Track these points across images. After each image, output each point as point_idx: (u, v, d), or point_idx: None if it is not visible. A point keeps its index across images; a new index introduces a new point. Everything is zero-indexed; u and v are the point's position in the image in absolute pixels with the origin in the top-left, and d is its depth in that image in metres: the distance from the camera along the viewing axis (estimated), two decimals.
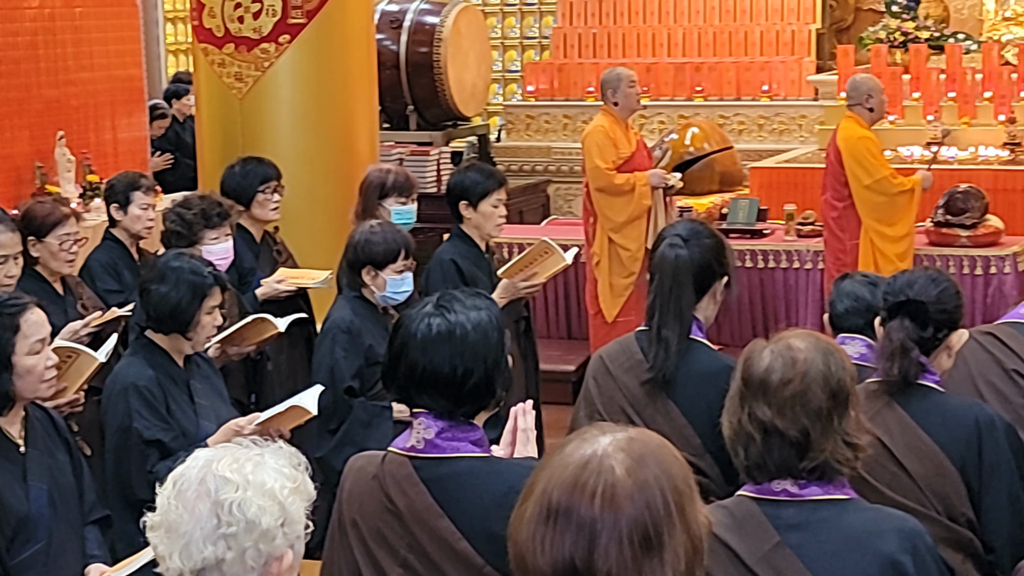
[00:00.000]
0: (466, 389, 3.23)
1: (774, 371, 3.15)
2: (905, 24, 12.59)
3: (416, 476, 3.24)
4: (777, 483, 3.15)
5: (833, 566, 3.09)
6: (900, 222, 8.46)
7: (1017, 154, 10.68)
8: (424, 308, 3.30)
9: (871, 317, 4.71)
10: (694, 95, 13.03)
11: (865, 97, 8.44)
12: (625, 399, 4.57)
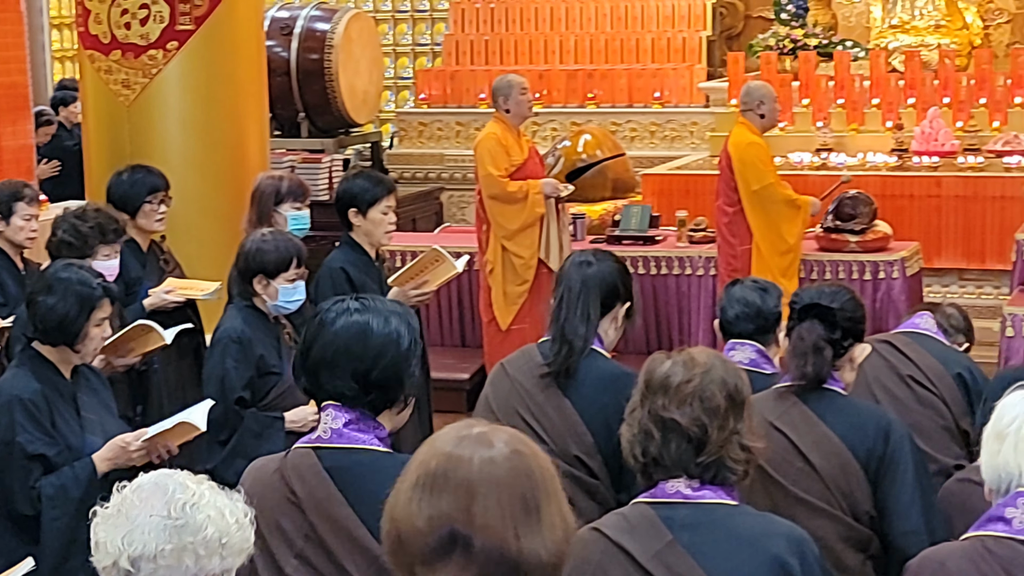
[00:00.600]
0: (376, 373, 3.25)
1: (675, 373, 3.27)
2: (794, 31, 12.71)
3: (319, 465, 3.27)
4: (671, 484, 3.24)
5: (724, 563, 3.17)
6: (785, 233, 8.45)
7: (905, 160, 10.82)
8: (342, 301, 3.36)
9: (761, 323, 4.77)
10: (586, 102, 13.06)
11: (757, 103, 8.48)
12: (519, 397, 4.62)
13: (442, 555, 2.25)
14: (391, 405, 3.31)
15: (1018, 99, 11.12)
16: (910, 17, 12.40)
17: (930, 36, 12.22)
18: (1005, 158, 10.56)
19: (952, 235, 10.16)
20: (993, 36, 13.15)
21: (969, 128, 11.04)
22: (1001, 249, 9.63)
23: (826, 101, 11.54)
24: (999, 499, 3.22)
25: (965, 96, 11.25)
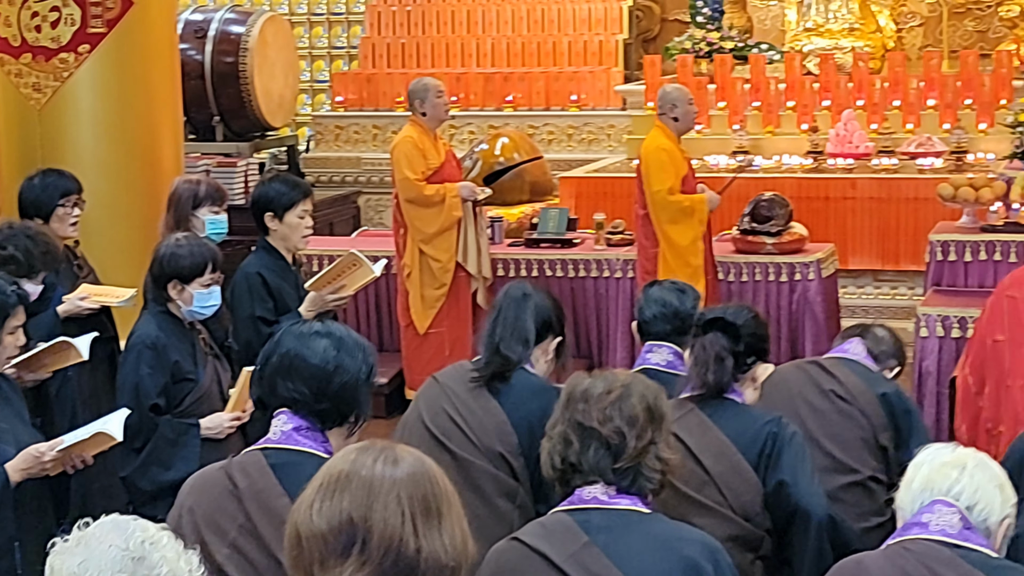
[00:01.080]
0: (333, 385, 3.36)
1: (596, 386, 3.40)
2: (710, 34, 12.78)
3: (264, 461, 3.37)
4: (588, 490, 3.33)
5: (639, 564, 3.24)
6: (677, 237, 8.42)
7: (820, 162, 10.90)
8: (316, 322, 3.52)
9: (678, 324, 4.83)
10: (504, 105, 13.06)
11: (670, 107, 8.48)
12: (447, 398, 4.70)
13: (340, 555, 2.28)
14: (341, 422, 3.40)
15: (931, 101, 11.24)
16: (824, 20, 12.50)
17: (844, 39, 12.32)
18: (918, 160, 10.67)
19: (867, 236, 10.25)
20: (906, 39, 13.28)
21: (883, 130, 11.14)
22: (915, 250, 9.72)
23: (742, 104, 11.60)
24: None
25: (879, 99, 11.35)
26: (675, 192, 8.38)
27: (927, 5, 13.28)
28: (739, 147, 11.21)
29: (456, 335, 8.85)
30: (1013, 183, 8.20)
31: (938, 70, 11.36)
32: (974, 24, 13.22)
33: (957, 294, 7.88)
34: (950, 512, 3.29)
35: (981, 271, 8.00)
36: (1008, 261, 7.92)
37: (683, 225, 8.40)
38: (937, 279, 8.07)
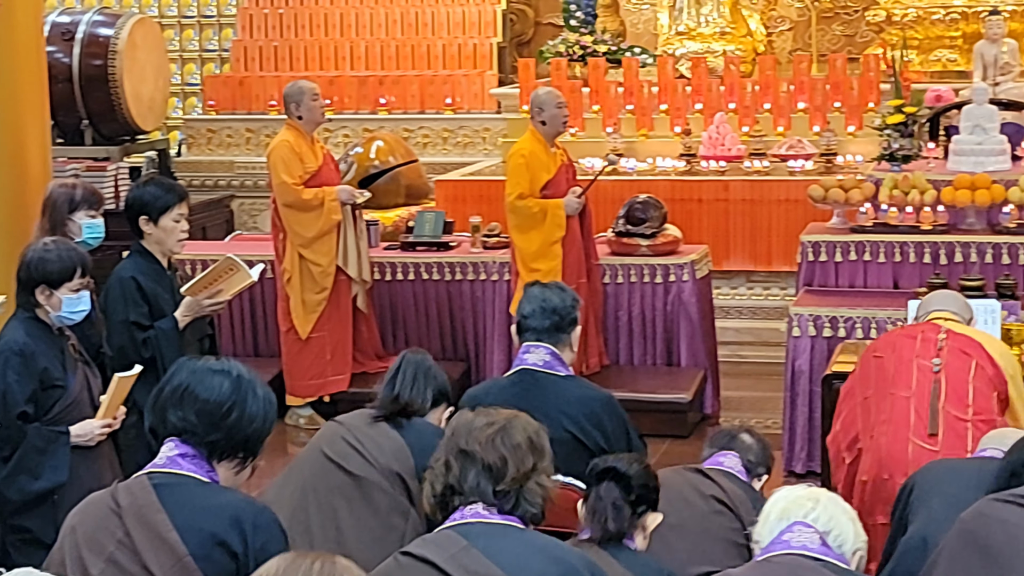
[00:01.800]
0: (228, 421, 3.41)
1: (479, 418, 3.50)
2: (584, 38, 12.83)
3: (148, 482, 3.40)
4: (469, 508, 3.41)
5: (519, 564, 3.31)
6: (528, 243, 8.42)
7: (693, 165, 10.99)
8: (226, 360, 3.58)
9: (556, 320, 4.90)
10: (378, 108, 13.02)
11: (537, 111, 8.48)
12: (346, 429, 4.86)
13: None
14: (230, 455, 3.44)
15: (801, 104, 11.39)
16: (696, 24, 12.61)
17: (715, 43, 12.44)
18: (789, 162, 10.80)
19: (740, 238, 10.36)
20: (776, 43, 13.46)
21: (754, 133, 11.27)
22: (787, 251, 9.84)
23: (616, 107, 11.67)
24: None
25: (750, 102, 11.48)
26: (526, 197, 8.37)
27: (796, 10, 13.48)
28: (613, 150, 11.28)
29: (337, 339, 8.80)
30: (881, 184, 8.32)
31: (807, 74, 11.52)
32: (842, 28, 13.44)
33: (828, 294, 7.99)
34: (809, 531, 3.44)
35: (851, 271, 8.11)
36: (877, 261, 8.05)
37: (532, 232, 8.40)
38: (808, 279, 8.17)
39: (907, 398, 4.88)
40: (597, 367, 8.65)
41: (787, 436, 7.74)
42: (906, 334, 5.09)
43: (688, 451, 8.27)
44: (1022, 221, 7.97)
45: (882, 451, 4.80)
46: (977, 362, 4.94)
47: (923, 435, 4.76)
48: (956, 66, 11.65)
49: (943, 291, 5.45)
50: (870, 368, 5.08)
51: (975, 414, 4.82)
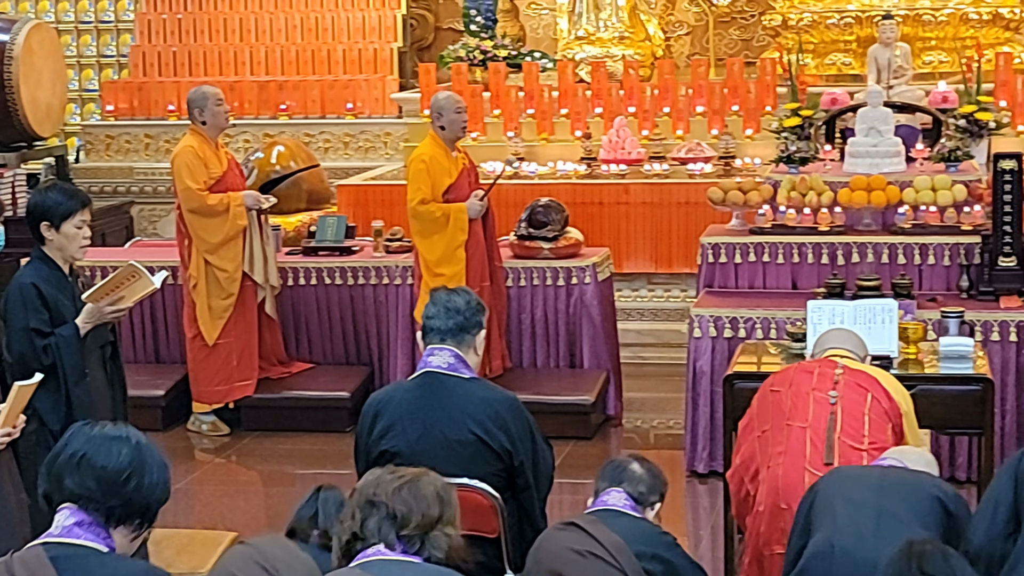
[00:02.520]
0: (127, 488, 3.31)
1: (387, 474, 3.53)
2: (484, 43, 12.88)
3: (44, 553, 3.31)
4: (371, 550, 3.44)
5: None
6: (431, 250, 8.44)
7: (594, 168, 11.07)
8: (125, 428, 3.44)
9: (461, 320, 4.95)
10: (279, 113, 12.97)
11: (436, 115, 8.50)
12: (257, 551, 4.76)
13: None
14: (126, 520, 3.35)
15: (699, 108, 11.50)
16: (595, 29, 12.69)
17: (615, 47, 12.53)
18: (689, 165, 10.91)
19: (641, 240, 10.44)
20: (674, 47, 13.59)
21: (654, 136, 11.37)
22: (687, 253, 9.94)
23: (516, 111, 11.71)
24: None
25: (649, 106, 11.57)
26: (428, 202, 8.39)
27: (694, 14, 13.61)
28: (514, 154, 11.32)
29: (243, 345, 8.76)
30: (779, 187, 8.43)
31: (705, 77, 11.64)
32: (739, 33, 13.59)
33: (728, 295, 8.08)
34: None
35: (751, 272, 8.21)
36: (776, 262, 8.16)
37: (435, 237, 8.41)
38: (709, 281, 8.26)
39: (803, 428, 4.94)
40: (500, 370, 8.68)
41: (689, 436, 7.82)
42: (803, 369, 5.17)
43: (591, 452, 8.34)
44: (917, 222, 8.11)
45: (779, 481, 4.86)
46: (873, 395, 5.02)
47: (819, 465, 4.82)
48: (851, 70, 11.82)
49: (839, 328, 5.53)
50: (767, 402, 5.15)
51: (870, 443, 4.89)
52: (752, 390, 5.96)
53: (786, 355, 6.34)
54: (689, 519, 7.48)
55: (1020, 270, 7.65)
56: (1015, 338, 7.41)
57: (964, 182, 8.25)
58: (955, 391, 5.88)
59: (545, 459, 5.01)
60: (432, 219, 8.39)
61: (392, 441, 4.85)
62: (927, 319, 7.03)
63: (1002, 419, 7.37)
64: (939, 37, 11.77)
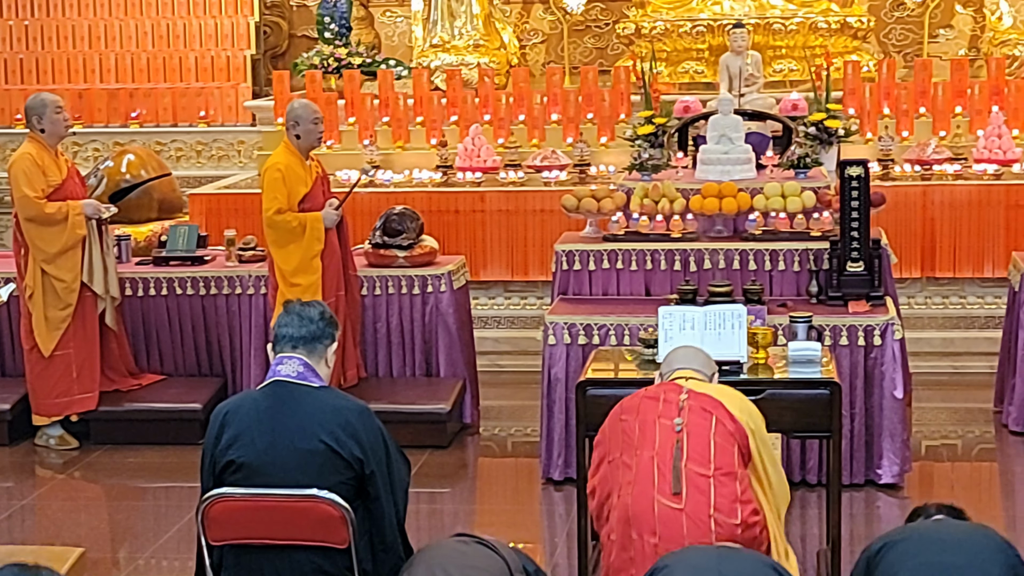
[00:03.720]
0: None
1: None
2: (338, 50, 12.80)
3: None
4: None
5: None
6: (287, 261, 8.35)
7: (449, 176, 11.05)
8: None
9: (313, 330, 4.91)
10: (129, 121, 12.78)
11: (293, 124, 8.40)
12: None
13: None
14: None
15: (554, 116, 11.54)
16: (450, 37, 12.69)
17: (470, 55, 12.53)
18: (544, 173, 10.93)
19: (497, 248, 10.44)
20: (529, 56, 13.63)
21: (509, 144, 11.38)
22: (543, 260, 9.97)
23: (372, 119, 11.66)
24: None
25: (505, 113, 11.58)
26: (284, 212, 8.30)
27: (549, 22, 13.67)
28: (370, 162, 11.27)
29: (83, 357, 8.58)
30: (632, 194, 8.47)
31: (560, 86, 11.68)
32: (594, 41, 13.67)
33: (582, 302, 8.10)
34: None
35: (604, 279, 8.23)
36: (629, 269, 8.19)
37: (292, 247, 8.32)
38: (563, 288, 8.27)
39: (651, 457, 4.99)
40: (355, 379, 8.62)
41: (544, 443, 7.81)
42: (649, 396, 5.21)
43: (448, 461, 8.31)
44: (767, 228, 8.20)
45: (628, 510, 4.93)
46: (717, 418, 5.07)
47: (667, 494, 4.89)
48: (703, 78, 11.95)
49: (686, 347, 5.55)
50: (617, 430, 5.19)
51: (716, 469, 4.95)
52: (605, 397, 5.99)
53: (639, 361, 6.36)
54: (545, 526, 7.47)
55: (867, 275, 7.76)
56: (863, 342, 7.52)
57: (813, 188, 8.36)
58: (804, 395, 5.94)
59: (399, 468, 4.97)
60: (288, 229, 8.29)
61: (240, 451, 4.77)
62: (777, 324, 7.12)
63: (851, 422, 7.49)
64: (789, 46, 11.94)
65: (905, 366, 7.77)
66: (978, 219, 10.04)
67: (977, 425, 8.73)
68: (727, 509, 4.88)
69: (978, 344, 9.84)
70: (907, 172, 10.60)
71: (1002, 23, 12.35)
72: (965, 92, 11.19)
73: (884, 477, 7.56)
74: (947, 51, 12.94)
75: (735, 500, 4.91)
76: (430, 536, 6.99)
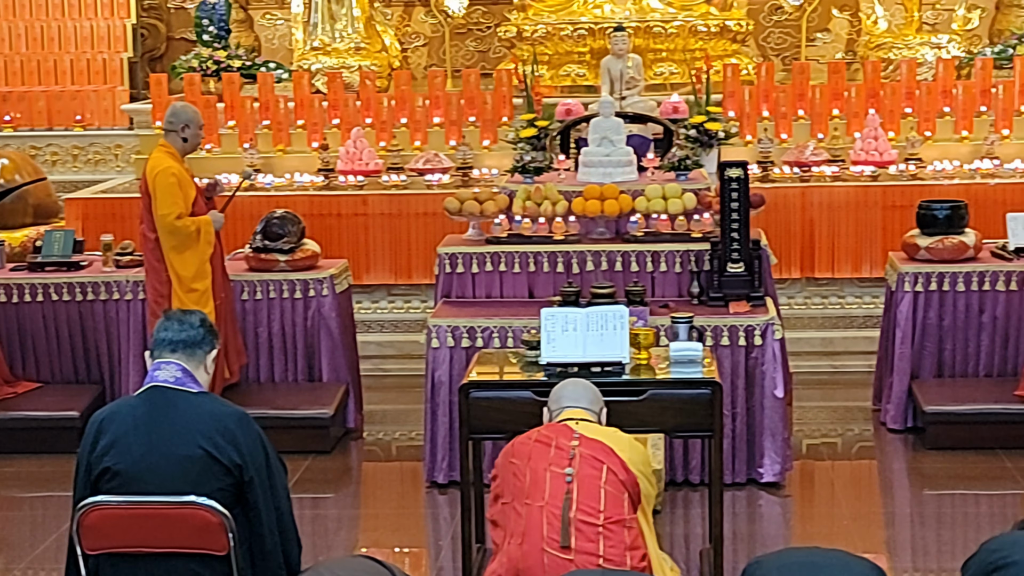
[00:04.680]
0: None
1: None
2: (217, 53, 12.66)
3: None
4: None
5: None
6: (186, 267, 8.25)
7: (331, 180, 10.97)
8: None
9: (193, 334, 4.86)
10: (3, 125, 12.56)
11: (182, 127, 8.28)
12: None
13: None
14: None
15: (437, 119, 11.51)
16: (331, 40, 12.60)
17: (351, 58, 12.46)
18: (427, 176, 10.90)
19: (380, 252, 10.39)
20: (411, 58, 13.59)
21: (392, 147, 11.33)
22: (427, 264, 9.93)
23: (252, 123, 11.55)
24: None
25: (387, 117, 11.53)
26: (183, 217, 8.19)
27: (430, 25, 13.64)
28: (250, 165, 11.16)
29: None
30: (515, 196, 8.47)
31: (443, 89, 11.65)
32: (475, 44, 13.67)
33: (466, 305, 8.07)
34: None
35: (488, 282, 8.22)
36: (512, 272, 8.18)
37: (188, 252, 8.21)
38: (447, 291, 8.24)
39: (541, 508, 5.04)
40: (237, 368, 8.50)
41: (428, 447, 7.78)
42: (541, 440, 5.23)
43: (331, 466, 8.25)
44: (649, 230, 8.23)
45: (518, 562, 4.98)
46: (608, 467, 5.11)
47: (556, 546, 4.95)
48: (585, 81, 11.98)
49: (574, 382, 5.52)
50: (509, 473, 5.23)
51: (606, 519, 5.01)
52: (489, 400, 5.99)
53: (522, 363, 6.35)
54: (429, 529, 7.44)
55: (748, 276, 7.82)
56: (744, 342, 7.57)
57: (694, 190, 8.41)
58: (685, 395, 5.96)
59: (279, 475, 4.91)
60: (188, 234, 8.19)
61: (115, 458, 4.68)
62: (659, 325, 7.15)
63: (732, 422, 7.54)
64: (670, 49, 12.02)
65: (785, 366, 7.85)
66: (856, 220, 10.17)
67: (856, 423, 8.84)
68: (617, 559, 4.94)
69: (857, 343, 9.97)
70: (786, 174, 10.72)
71: (877, 27, 12.53)
72: (842, 95, 11.33)
73: (766, 476, 7.62)
74: (824, 55, 13.10)
75: (625, 548, 4.98)
76: (314, 542, 6.93)
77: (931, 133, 11.14)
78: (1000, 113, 11.17)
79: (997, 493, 7.58)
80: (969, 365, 8.65)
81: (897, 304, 8.61)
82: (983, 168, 10.70)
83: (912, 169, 10.71)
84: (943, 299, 8.61)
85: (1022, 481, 7.67)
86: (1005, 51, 12.04)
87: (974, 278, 8.60)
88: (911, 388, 8.49)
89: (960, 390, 8.42)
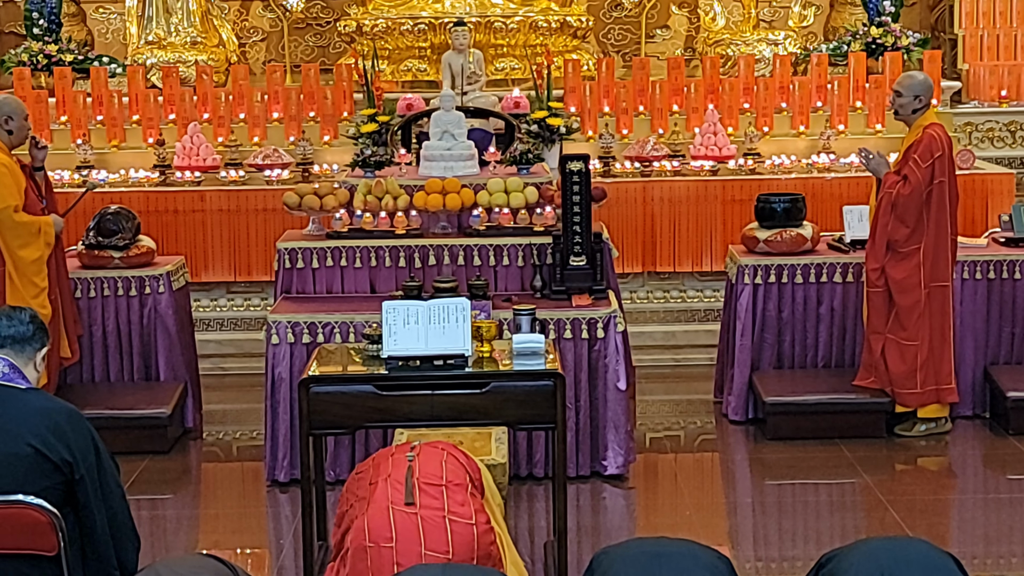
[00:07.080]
0: None
1: None
2: (48, 47, 12.34)
3: None
4: None
5: None
6: (26, 259, 8.02)
7: (168, 175, 10.76)
8: None
9: (24, 330, 4.75)
10: None
11: (5, 119, 8.05)
12: None
13: None
14: None
15: (276, 114, 11.35)
16: (166, 34, 12.37)
17: (187, 53, 12.23)
18: (265, 171, 10.75)
19: (218, 248, 10.22)
20: (250, 53, 13.40)
21: (230, 143, 11.15)
22: (267, 260, 9.81)
23: (85, 118, 11.29)
24: None
25: (224, 112, 11.35)
26: (20, 210, 7.95)
27: (269, 20, 13.46)
28: (84, 161, 10.91)
29: None
30: (356, 191, 8.38)
31: (282, 83, 11.50)
32: (315, 39, 13.52)
33: (306, 300, 7.97)
34: None
35: (328, 277, 8.12)
36: (354, 267, 8.09)
37: (30, 248, 7.99)
38: (287, 287, 8.12)
39: (386, 480, 5.13)
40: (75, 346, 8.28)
41: (269, 445, 7.67)
42: (382, 454, 5.47)
43: (169, 467, 8.08)
44: (491, 224, 8.19)
45: (365, 522, 5.00)
46: (448, 452, 5.29)
47: (401, 504, 5.01)
48: (426, 76, 11.91)
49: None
50: (354, 484, 5.38)
51: (448, 480, 5.12)
52: (329, 394, 5.90)
53: (364, 357, 6.26)
54: (271, 528, 7.33)
55: (590, 269, 7.82)
56: (586, 335, 7.57)
57: (536, 184, 8.39)
58: (527, 387, 5.92)
59: (111, 474, 4.77)
60: (31, 230, 7.94)
61: None
62: (503, 319, 7.12)
63: (576, 414, 7.54)
64: (511, 44, 12.00)
65: (628, 358, 7.86)
66: (696, 214, 10.26)
67: (699, 416, 8.90)
68: (462, 513, 4.98)
69: (699, 337, 10.05)
70: (627, 169, 10.76)
71: (716, 23, 12.65)
72: (682, 91, 11.42)
73: (609, 468, 7.64)
74: (664, 51, 13.19)
75: (468, 505, 5.03)
76: (152, 544, 6.79)
77: (769, 128, 11.27)
78: (835, 109, 11.34)
79: (836, 482, 7.68)
80: (808, 356, 8.76)
81: (737, 297, 8.68)
82: (820, 162, 10.85)
83: (751, 164, 10.83)
84: (782, 291, 8.71)
85: (860, 469, 7.78)
86: (840, 48, 12.23)
87: (812, 270, 8.72)
88: (751, 380, 8.58)
89: (799, 381, 8.52)
